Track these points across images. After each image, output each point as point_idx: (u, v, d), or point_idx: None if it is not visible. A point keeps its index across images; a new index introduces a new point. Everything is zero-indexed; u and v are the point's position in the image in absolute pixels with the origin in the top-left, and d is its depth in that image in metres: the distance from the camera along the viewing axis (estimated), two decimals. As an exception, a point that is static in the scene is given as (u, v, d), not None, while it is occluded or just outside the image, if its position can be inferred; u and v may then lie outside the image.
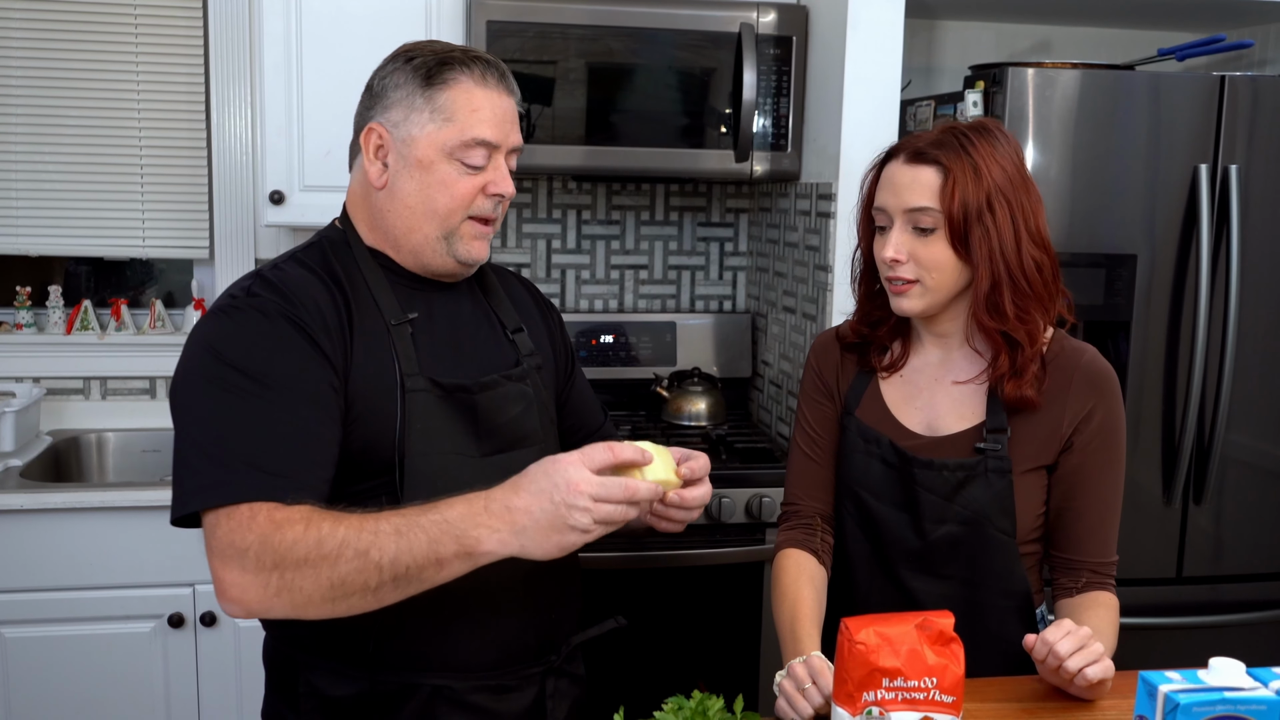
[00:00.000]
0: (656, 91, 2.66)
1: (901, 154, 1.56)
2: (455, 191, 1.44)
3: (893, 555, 1.64)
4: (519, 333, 1.60)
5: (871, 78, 2.46)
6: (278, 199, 2.59)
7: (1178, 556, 2.61)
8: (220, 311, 1.39)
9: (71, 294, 3.03)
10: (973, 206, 1.49)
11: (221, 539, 1.26)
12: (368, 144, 1.46)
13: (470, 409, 1.47)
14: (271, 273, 1.43)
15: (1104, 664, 1.37)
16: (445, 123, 1.42)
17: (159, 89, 2.91)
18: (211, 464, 1.29)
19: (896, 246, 1.53)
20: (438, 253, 1.47)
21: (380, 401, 1.41)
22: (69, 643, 2.41)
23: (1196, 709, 1.12)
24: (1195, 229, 2.49)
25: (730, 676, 2.57)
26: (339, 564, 1.23)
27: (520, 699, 1.51)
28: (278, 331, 1.36)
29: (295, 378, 1.34)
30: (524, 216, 3.13)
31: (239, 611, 1.27)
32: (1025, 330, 1.53)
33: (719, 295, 3.27)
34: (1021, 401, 1.54)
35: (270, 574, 1.24)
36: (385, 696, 1.44)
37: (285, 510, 1.26)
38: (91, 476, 2.89)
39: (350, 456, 1.39)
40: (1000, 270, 1.50)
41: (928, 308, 1.56)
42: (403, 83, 1.44)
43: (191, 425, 1.32)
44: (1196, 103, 2.47)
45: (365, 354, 1.41)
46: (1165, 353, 2.53)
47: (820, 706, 1.35)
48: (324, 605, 1.26)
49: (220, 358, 1.33)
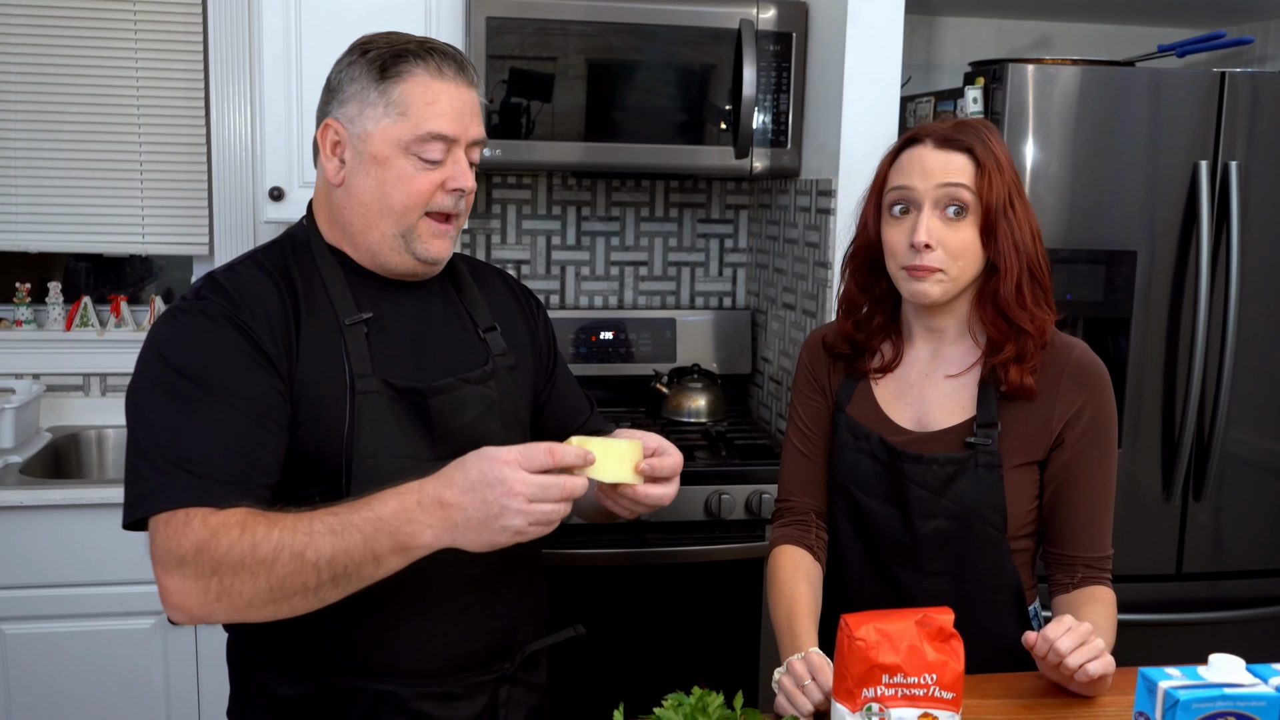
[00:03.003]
0: (656, 88, 2.65)
1: (928, 139, 1.54)
2: (411, 188, 1.41)
3: (883, 551, 1.64)
4: (491, 331, 1.56)
5: (871, 74, 2.46)
6: (277, 195, 2.59)
7: (1177, 553, 2.61)
8: (169, 315, 1.38)
9: (71, 290, 3.02)
10: (1002, 198, 1.51)
11: (160, 545, 1.26)
12: (324, 140, 1.44)
13: (423, 412, 1.44)
14: (224, 274, 1.42)
15: (1104, 660, 1.37)
16: (400, 117, 1.39)
17: (158, 85, 2.91)
18: (152, 469, 1.28)
19: (929, 229, 1.51)
20: (395, 250, 1.44)
21: (329, 404, 1.39)
22: (69, 639, 2.41)
23: (1196, 705, 1.12)
24: (1195, 225, 2.48)
25: (730, 673, 2.57)
26: (276, 567, 1.22)
27: (469, 706, 1.48)
28: (221, 335, 1.34)
29: (237, 382, 1.32)
30: (524, 213, 3.12)
31: (182, 617, 1.26)
32: (1039, 320, 1.55)
33: (719, 292, 3.27)
34: (1022, 389, 1.54)
35: (209, 579, 1.23)
36: (330, 699, 1.43)
37: (220, 515, 1.25)
38: (91, 473, 2.89)
39: (299, 460, 1.37)
40: (1023, 264, 1.53)
41: (945, 295, 1.55)
42: (358, 76, 1.41)
43: (138, 429, 1.32)
44: (1196, 99, 2.47)
45: (314, 356, 1.39)
46: (1165, 349, 2.53)
47: (820, 703, 1.35)
48: (265, 608, 1.25)
49: (165, 362, 1.32)
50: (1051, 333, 1.60)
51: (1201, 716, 1.12)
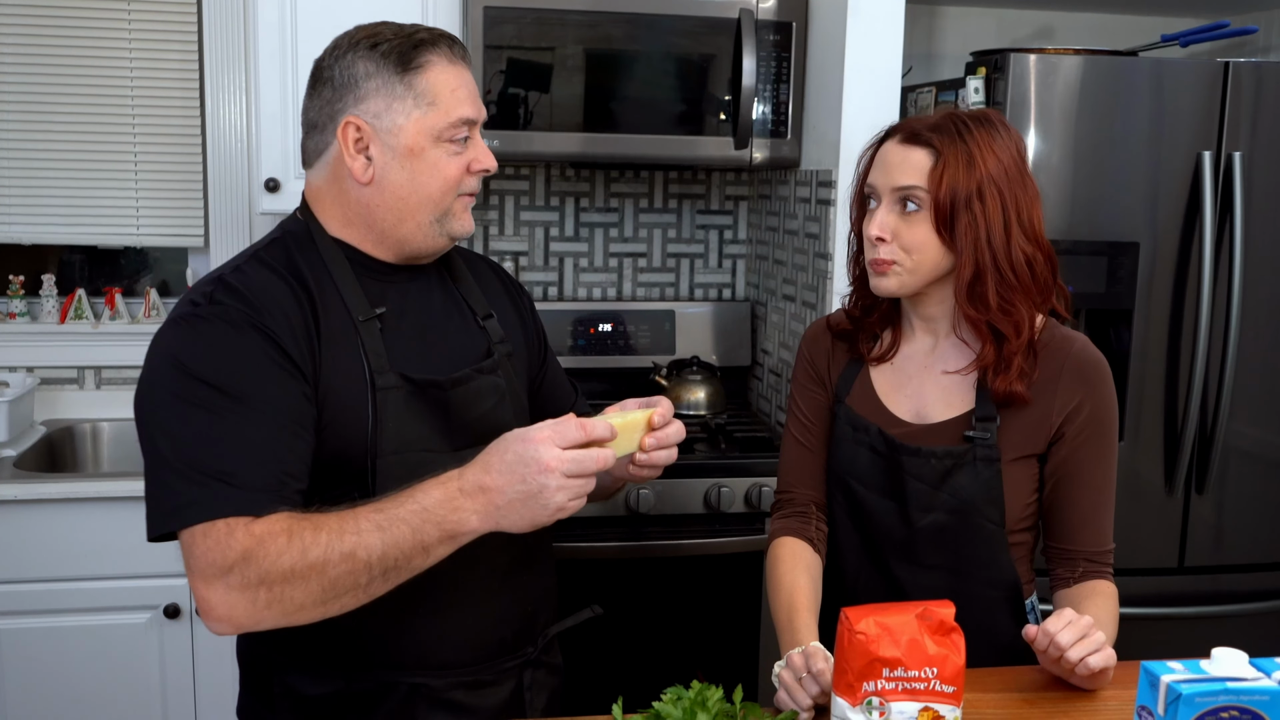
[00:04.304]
0: (655, 78, 2.65)
1: (898, 134, 1.56)
2: (448, 175, 1.43)
3: (880, 544, 1.64)
4: (489, 319, 1.57)
5: (872, 64, 2.45)
6: (273, 186, 2.58)
7: (1180, 546, 2.61)
8: (183, 320, 1.35)
9: (65, 283, 3.02)
10: (961, 193, 1.49)
11: (200, 558, 1.25)
12: (345, 138, 1.41)
13: (442, 405, 1.45)
14: (234, 276, 1.39)
15: (1105, 653, 1.37)
16: (430, 107, 1.40)
17: (153, 76, 2.90)
18: (184, 481, 1.26)
19: (881, 224, 1.54)
20: (430, 236, 1.45)
21: (351, 402, 1.39)
22: (64, 634, 2.40)
23: (1199, 699, 1.12)
24: (1198, 217, 2.48)
25: (729, 667, 2.57)
26: (327, 570, 1.23)
27: (498, 693, 1.50)
28: (246, 343, 1.33)
29: (266, 390, 1.31)
30: (522, 204, 3.12)
31: (227, 629, 1.26)
32: (1011, 322, 1.52)
33: (718, 283, 3.26)
34: (1010, 396, 1.54)
35: (257, 590, 1.23)
36: (362, 696, 1.43)
37: (263, 523, 1.24)
38: (86, 466, 2.89)
39: (324, 461, 1.37)
40: (985, 260, 1.50)
41: (902, 288, 1.56)
42: (374, 71, 1.40)
43: (161, 440, 1.29)
44: (1200, 89, 2.46)
45: (334, 356, 1.39)
46: (1167, 341, 2.53)
47: (819, 697, 1.35)
48: (315, 609, 1.26)
49: (187, 371, 1.30)
50: (1050, 326, 1.60)
51: (1204, 711, 1.12)
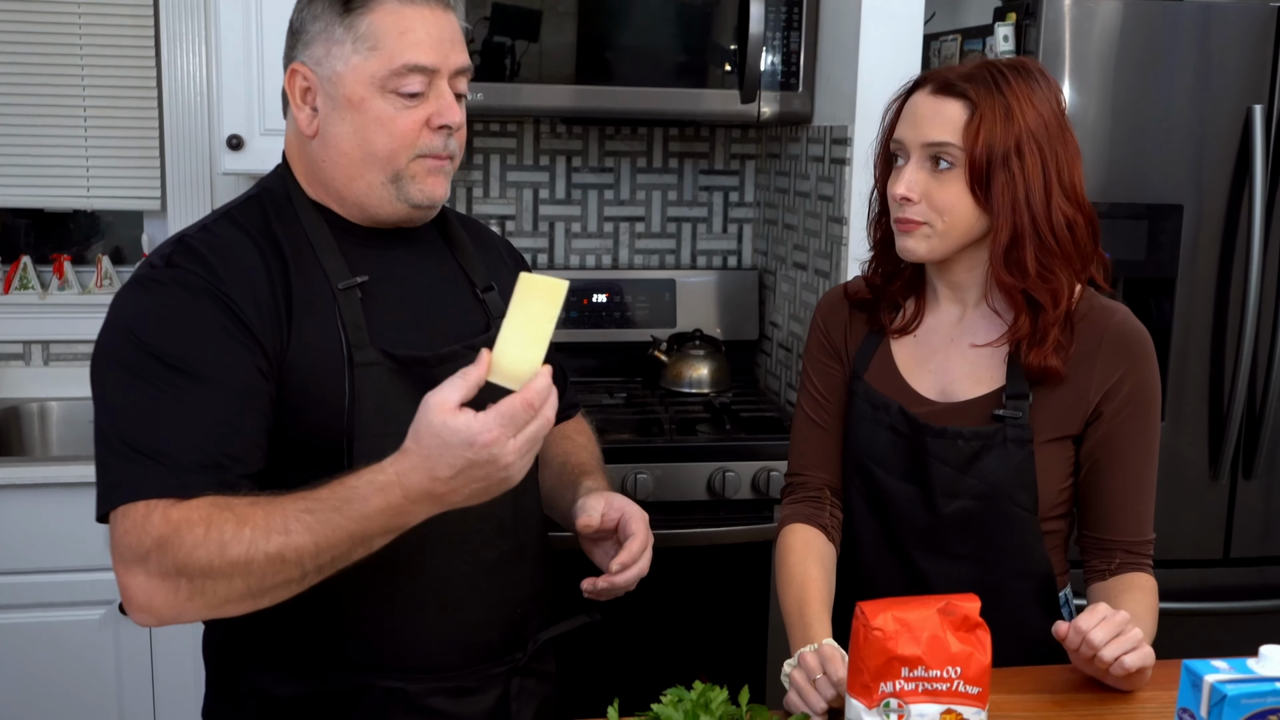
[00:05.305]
0: (654, 25, 2.63)
1: (929, 84, 1.55)
2: (395, 130, 1.39)
3: (901, 533, 1.64)
4: (490, 292, 1.56)
5: (891, 10, 2.44)
6: (236, 144, 2.57)
7: (1225, 536, 2.62)
8: (139, 284, 1.35)
9: (9, 249, 3.01)
10: (999, 149, 1.48)
11: (119, 540, 1.25)
12: (292, 87, 1.41)
13: (429, 384, 1.39)
14: (198, 236, 1.38)
15: (1142, 651, 1.37)
16: (370, 51, 1.37)
17: (103, 24, 2.88)
18: (118, 458, 1.27)
19: (909, 183, 1.53)
20: (385, 200, 1.43)
21: (326, 378, 1.37)
22: (10, 632, 2.41)
23: (1245, 701, 1.12)
24: (1248, 177, 2.48)
25: (735, 666, 2.58)
26: (252, 569, 1.22)
27: (481, 701, 1.49)
28: (200, 310, 1.32)
29: (215, 364, 1.31)
30: (508, 164, 3.11)
31: (149, 620, 1.25)
32: (1049, 290, 1.52)
33: (723, 250, 3.26)
34: (1045, 371, 1.54)
35: (177, 579, 1.22)
36: (334, 698, 1.43)
37: (183, 508, 1.23)
38: (34, 450, 2.89)
39: (295, 440, 1.36)
40: (1024, 222, 1.50)
41: (932, 252, 1.55)
42: (320, 13, 1.39)
43: (104, 415, 1.30)
44: (1251, 37, 2.45)
45: (307, 327, 1.38)
46: (1213, 313, 2.53)
47: (833, 699, 1.35)
48: (245, 603, 1.25)
49: (136, 340, 1.30)
50: (1089, 296, 1.59)
51: (1251, 713, 1.12)
